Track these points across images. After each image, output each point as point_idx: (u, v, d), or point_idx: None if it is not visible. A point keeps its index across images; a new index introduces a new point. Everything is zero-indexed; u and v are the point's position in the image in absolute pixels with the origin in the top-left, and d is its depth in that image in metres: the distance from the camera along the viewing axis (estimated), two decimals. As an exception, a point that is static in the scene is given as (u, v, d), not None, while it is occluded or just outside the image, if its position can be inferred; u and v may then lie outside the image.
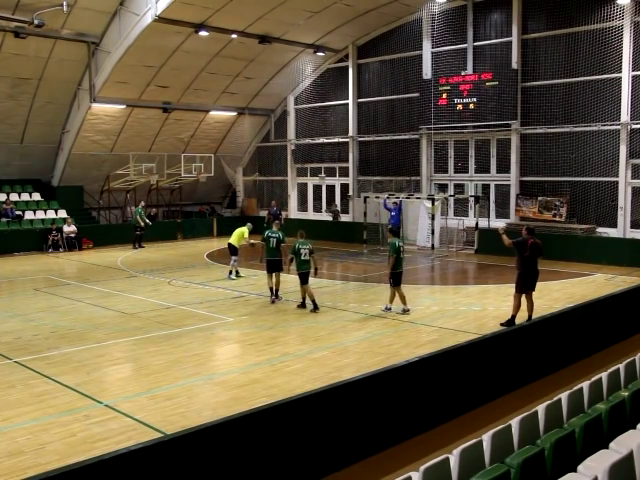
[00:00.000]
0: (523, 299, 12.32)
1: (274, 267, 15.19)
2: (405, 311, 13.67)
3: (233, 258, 18.09)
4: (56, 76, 25.11)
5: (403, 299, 13.70)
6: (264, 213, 29.12)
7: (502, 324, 12.30)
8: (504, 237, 12.77)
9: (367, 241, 24.45)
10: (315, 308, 13.99)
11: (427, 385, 7.99)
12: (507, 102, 23.25)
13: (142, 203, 26.62)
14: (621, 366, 7.27)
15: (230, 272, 18.10)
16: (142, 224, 25.66)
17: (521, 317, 12.16)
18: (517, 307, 12.30)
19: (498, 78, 23.48)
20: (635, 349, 10.30)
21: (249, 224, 18.52)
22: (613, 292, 13.49)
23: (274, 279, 15.19)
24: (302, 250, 14.02)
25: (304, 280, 14.15)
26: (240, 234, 17.84)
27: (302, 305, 14.37)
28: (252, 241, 18.19)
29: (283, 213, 31.39)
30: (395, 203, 23.12)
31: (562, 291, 16.04)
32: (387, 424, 7.37)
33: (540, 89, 23.00)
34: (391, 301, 13.81)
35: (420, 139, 26.43)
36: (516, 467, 4.69)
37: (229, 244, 18.06)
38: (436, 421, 7.83)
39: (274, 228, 15.55)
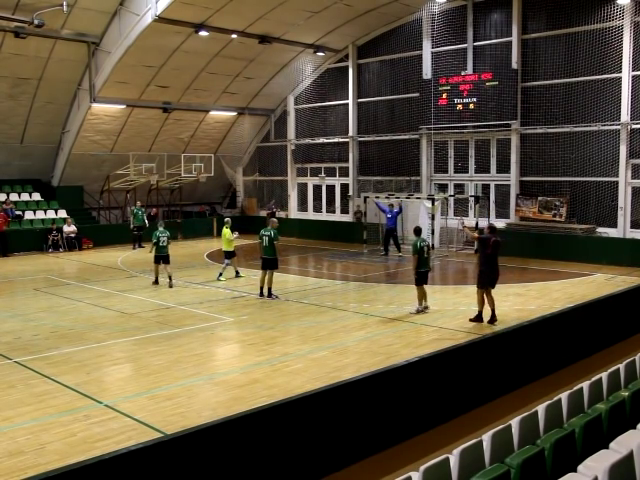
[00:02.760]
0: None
1: (268, 265, 15.36)
2: (419, 311, 13.65)
3: (225, 261, 18.17)
4: (56, 76, 25.11)
5: (421, 298, 13.69)
6: (264, 213, 29.17)
7: (471, 320, 12.73)
8: (467, 230, 13.09)
9: (367, 241, 24.45)
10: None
11: (427, 385, 7.99)
12: (507, 102, 23.24)
13: (139, 203, 26.49)
14: (621, 366, 7.28)
15: (220, 274, 18.10)
16: (140, 224, 25.52)
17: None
18: (482, 302, 12.69)
19: (498, 78, 23.46)
20: (635, 349, 10.31)
21: (226, 219, 18.81)
22: (613, 292, 13.49)
23: (266, 277, 15.36)
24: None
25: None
26: (225, 236, 17.99)
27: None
28: (236, 233, 18.15)
29: (282, 213, 31.51)
30: (391, 205, 23.10)
31: (562, 291, 16.04)
32: (387, 424, 7.37)
33: (540, 89, 22.99)
34: (420, 302, 13.74)
35: (420, 139, 26.42)
36: (516, 467, 4.69)
37: (224, 251, 18.19)
38: (436, 421, 7.83)
39: (268, 226, 15.70)
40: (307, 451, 6.60)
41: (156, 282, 17.48)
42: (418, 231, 14.15)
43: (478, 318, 12.65)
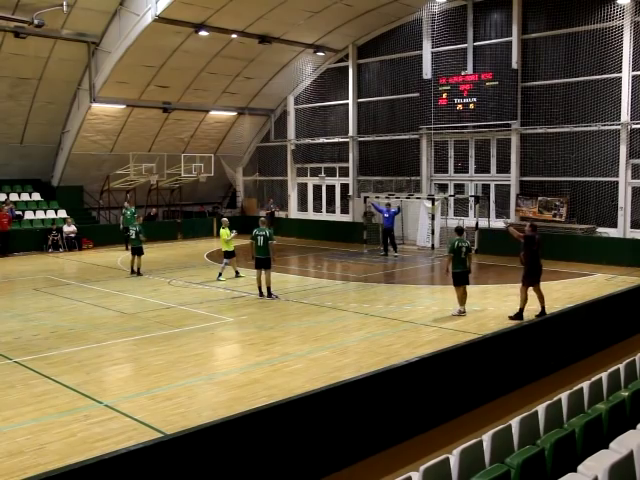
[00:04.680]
0: (531, 293, 12.63)
1: (261, 264, 15.36)
2: (461, 312, 13.42)
3: (224, 261, 18.17)
4: (56, 76, 25.11)
5: (461, 299, 13.43)
6: (264, 213, 29.14)
7: (511, 317, 12.65)
8: (512, 230, 13.04)
9: (367, 241, 24.45)
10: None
11: (427, 385, 7.99)
12: (507, 102, 23.24)
13: (126, 203, 26.10)
14: (621, 366, 7.27)
15: (220, 274, 18.10)
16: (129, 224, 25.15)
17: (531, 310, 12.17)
18: (525, 300, 12.67)
19: (498, 78, 23.47)
20: (635, 349, 10.30)
21: (224, 219, 19.06)
22: (613, 292, 13.49)
23: (263, 276, 15.34)
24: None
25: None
26: (223, 237, 18.02)
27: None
28: (234, 232, 18.14)
29: (282, 213, 31.53)
30: (389, 204, 23.12)
31: (562, 291, 16.04)
32: (387, 424, 7.37)
33: (540, 89, 22.99)
34: (460, 303, 13.50)
35: (420, 139, 26.42)
36: (516, 467, 4.69)
37: (224, 251, 18.20)
38: (436, 421, 7.83)
39: (262, 226, 15.67)
40: (307, 451, 6.59)
41: (132, 273, 18.99)
42: (459, 230, 13.91)
43: (519, 316, 12.54)
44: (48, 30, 22.62)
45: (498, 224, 24.05)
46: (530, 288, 12.75)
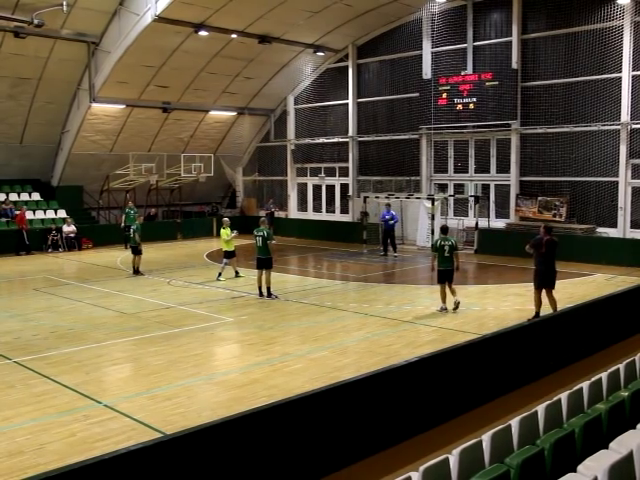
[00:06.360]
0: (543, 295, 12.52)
1: (262, 264, 15.40)
2: (442, 309, 13.66)
3: (224, 261, 18.17)
4: (56, 76, 25.11)
5: (443, 296, 13.64)
6: (263, 213, 29.14)
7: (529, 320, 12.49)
8: (527, 247, 12.91)
9: (367, 241, 24.44)
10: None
11: (427, 385, 7.98)
12: (507, 102, 23.24)
13: (130, 203, 26.17)
14: (621, 366, 7.27)
15: (219, 274, 18.09)
16: (131, 224, 25.07)
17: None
18: (538, 303, 12.52)
19: (498, 78, 23.46)
20: (635, 349, 10.29)
21: (224, 219, 19.06)
22: (613, 292, 13.48)
23: (263, 277, 15.38)
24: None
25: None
26: (223, 237, 18.04)
27: None
28: (235, 232, 18.13)
29: (282, 213, 31.52)
30: (388, 205, 23.14)
31: (562, 291, 15.97)
32: (387, 424, 7.36)
33: (540, 89, 22.99)
34: (443, 300, 13.69)
35: (420, 139, 26.41)
36: (516, 467, 4.69)
37: (224, 251, 18.20)
38: (436, 421, 7.82)
39: (261, 226, 15.68)
40: (307, 451, 6.59)
41: (134, 273, 19.06)
42: (443, 229, 14.09)
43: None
44: (48, 30, 22.62)
45: (498, 224, 24.07)
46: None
